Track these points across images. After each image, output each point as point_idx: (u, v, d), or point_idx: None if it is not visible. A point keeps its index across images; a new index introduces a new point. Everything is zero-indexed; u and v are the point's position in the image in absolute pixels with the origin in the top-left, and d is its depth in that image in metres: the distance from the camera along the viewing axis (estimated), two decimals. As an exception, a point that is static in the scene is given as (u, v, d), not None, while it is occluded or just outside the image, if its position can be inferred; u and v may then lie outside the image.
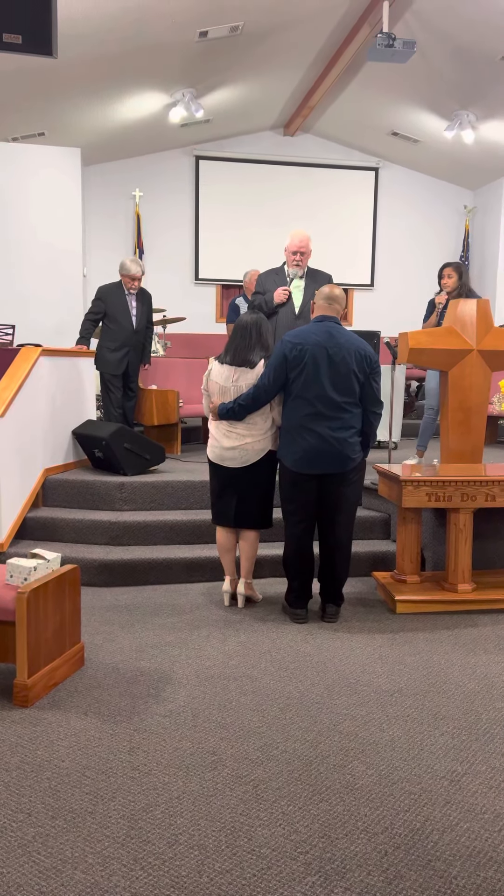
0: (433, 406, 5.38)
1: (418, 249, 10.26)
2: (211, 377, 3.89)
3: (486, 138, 8.55)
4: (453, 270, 5.16)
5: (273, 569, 4.41)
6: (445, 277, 5.18)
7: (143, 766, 2.41)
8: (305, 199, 9.87)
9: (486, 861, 1.97)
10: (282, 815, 2.16)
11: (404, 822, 2.13)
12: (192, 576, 4.37)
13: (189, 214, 9.72)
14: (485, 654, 3.36)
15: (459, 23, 6.34)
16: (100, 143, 8.67)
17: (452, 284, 5.13)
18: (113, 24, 5.97)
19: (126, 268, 5.77)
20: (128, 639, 3.49)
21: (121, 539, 4.55)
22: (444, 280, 5.18)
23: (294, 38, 6.92)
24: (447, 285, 5.14)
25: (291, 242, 4.81)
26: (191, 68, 7.19)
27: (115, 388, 5.87)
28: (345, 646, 3.45)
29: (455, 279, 5.14)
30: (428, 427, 5.47)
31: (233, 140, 9.63)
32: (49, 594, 2.94)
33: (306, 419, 3.57)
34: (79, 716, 2.74)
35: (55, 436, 5.14)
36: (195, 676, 3.08)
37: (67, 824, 2.11)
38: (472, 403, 4.36)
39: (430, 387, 5.42)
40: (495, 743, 2.58)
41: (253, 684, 3.01)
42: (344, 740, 2.58)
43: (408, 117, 8.60)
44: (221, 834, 2.07)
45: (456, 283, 5.14)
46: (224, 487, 3.89)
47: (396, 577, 4.16)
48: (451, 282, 5.14)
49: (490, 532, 4.38)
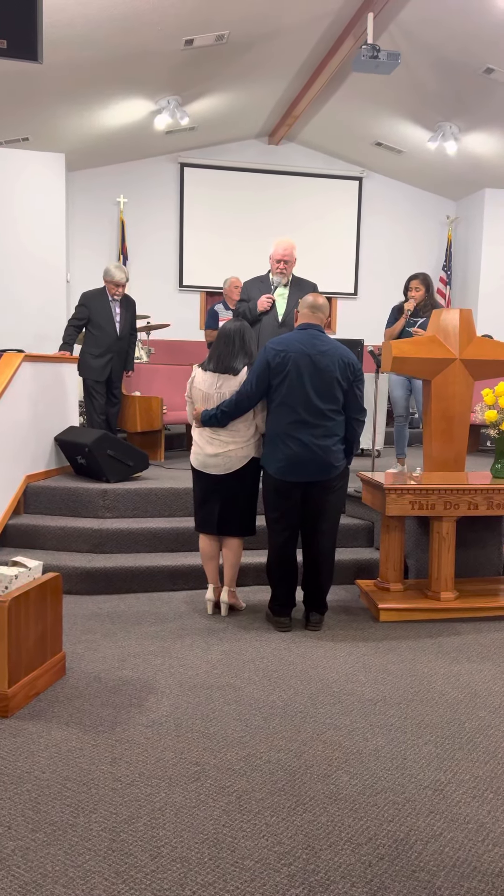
0: (402, 414, 5.50)
1: (401, 259, 10.33)
2: (194, 384, 3.88)
3: (468, 150, 8.64)
4: (420, 283, 5.27)
5: (256, 577, 4.39)
6: (413, 290, 5.26)
7: (125, 777, 2.38)
8: (290, 208, 9.92)
9: (470, 871, 1.96)
10: (265, 826, 2.14)
11: (388, 833, 2.12)
12: (176, 584, 4.35)
13: (173, 221, 9.72)
14: (468, 663, 3.37)
15: (443, 35, 6.41)
16: (84, 149, 8.65)
17: (420, 296, 5.23)
18: (99, 30, 5.96)
19: (110, 274, 5.75)
20: (110, 648, 3.46)
21: (103, 547, 4.51)
22: (412, 292, 5.27)
23: (279, 48, 6.97)
24: (415, 297, 5.24)
25: (276, 250, 4.83)
26: (176, 76, 7.21)
27: (98, 395, 5.84)
28: (329, 654, 3.44)
29: (423, 291, 5.24)
30: (401, 435, 5.54)
31: (218, 148, 9.66)
32: (30, 603, 2.91)
33: (290, 426, 3.57)
34: (60, 726, 2.70)
35: (37, 442, 5.10)
36: (178, 686, 3.06)
37: (48, 837, 2.07)
38: (454, 412, 4.39)
39: (396, 396, 5.51)
40: (478, 752, 2.58)
41: (236, 693, 3.00)
42: (328, 750, 2.57)
43: (391, 128, 8.68)
44: (204, 846, 2.04)
45: (423, 294, 5.24)
46: (207, 495, 3.87)
47: (380, 585, 4.16)
48: (419, 294, 5.23)
49: (472, 540, 4.39)
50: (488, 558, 4.44)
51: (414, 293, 5.24)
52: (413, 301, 5.21)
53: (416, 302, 5.20)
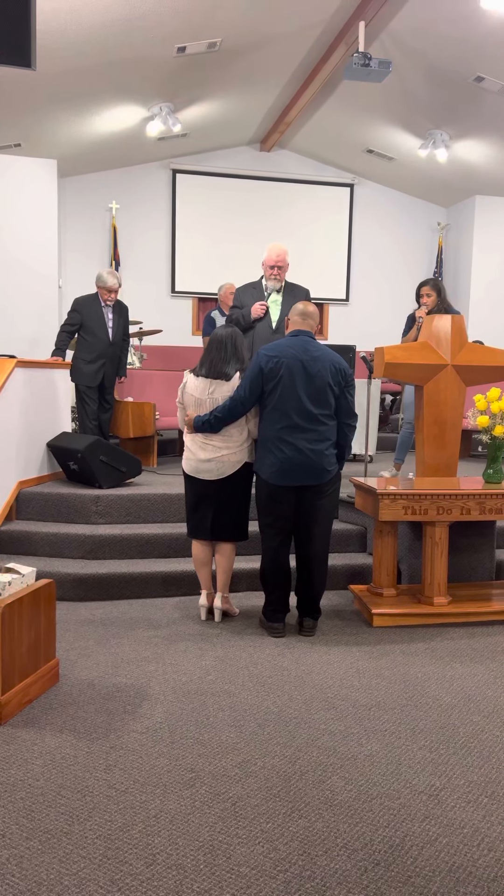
0: (411, 420, 5.41)
1: (392, 265, 10.38)
2: (186, 390, 3.89)
3: (459, 157, 8.71)
4: (431, 289, 5.20)
5: (250, 582, 4.39)
6: (424, 296, 5.19)
7: (119, 784, 2.37)
8: (281, 214, 9.95)
9: (465, 876, 1.96)
10: (261, 832, 2.14)
11: (384, 838, 2.12)
12: (169, 590, 4.34)
13: (166, 227, 9.73)
14: (461, 667, 3.37)
15: (434, 44, 6.46)
16: (76, 155, 8.66)
17: (432, 303, 5.16)
18: (91, 37, 5.98)
19: (103, 280, 5.75)
20: (103, 654, 3.45)
21: (96, 553, 4.50)
22: (424, 299, 5.19)
23: (271, 55, 7.00)
24: (427, 304, 5.16)
25: (269, 256, 4.84)
26: (169, 83, 7.23)
27: (90, 401, 5.83)
28: (322, 659, 3.44)
29: (434, 297, 5.17)
30: (405, 441, 5.52)
31: (209, 154, 9.69)
32: (24, 609, 2.90)
33: (283, 431, 3.58)
34: (54, 733, 2.69)
35: (29, 448, 5.09)
36: (172, 692, 3.05)
37: (42, 845, 2.06)
38: (446, 418, 4.41)
39: (409, 401, 5.45)
40: (472, 757, 2.58)
41: (230, 700, 2.99)
42: (322, 755, 2.57)
43: (383, 135, 8.73)
44: (200, 853, 2.04)
45: (435, 300, 5.17)
46: (200, 500, 3.87)
47: (373, 590, 4.17)
48: (431, 300, 5.16)
49: (465, 545, 4.41)
50: (480, 563, 4.45)
51: (426, 299, 5.19)
52: (425, 307, 5.16)
53: (428, 308, 5.15)
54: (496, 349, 4.54)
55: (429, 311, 5.14)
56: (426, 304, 5.16)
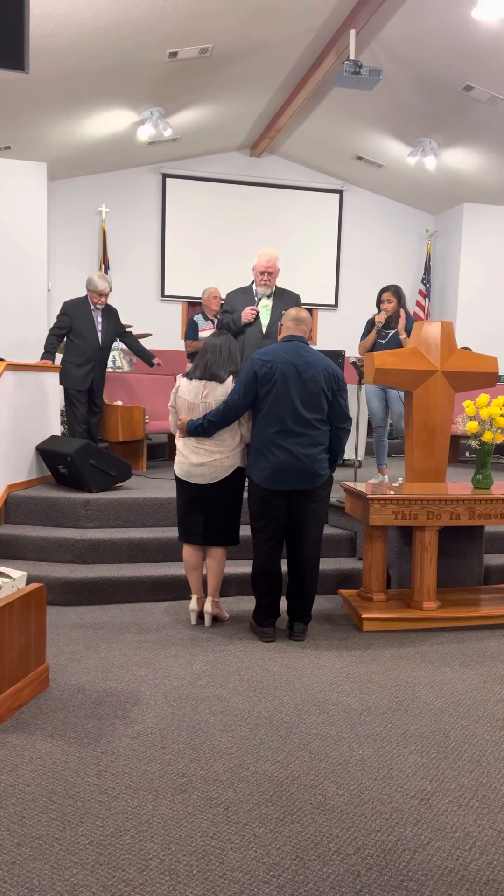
0: (380, 424, 5.54)
1: (381, 271, 10.44)
2: (179, 394, 3.89)
3: (447, 165, 8.78)
4: (392, 295, 5.32)
5: (240, 587, 4.39)
6: (385, 302, 5.31)
7: (111, 789, 2.36)
8: (271, 220, 9.99)
9: (458, 880, 1.97)
10: (254, 837, 2.13)
11: (376, 843, 2.13)
12: (159, 594, 4.33)
13: (155, 231, 9.74)
14: (451, 672, 3.39)
15: (424, 52, 6.52)
16: (66, 159, 8.65)
17: (392, 308, 5.28)
18: (84, 41, 5.98)
19: (94, 283, 5.74)
20: (93, 659, 3.43)
21: (85, 557, 4.48)
22: (384, 304, 5.31)
23: (263, 62, 7.03)
24: (387, 309, 5.28)
25: (259, 262, 4.86)
26: (160, 87, 7.24)
27: (79, 404, 5.81)
28: (313, 664, 3.44)
29: (395, 303, 5.28)
30: (380, 445, 5.58)
31: (200, 159, 9.71)
32: (14, 614, 2.88)
33: (276, 436, 3.59)
34: (44, 738, 2.67)
35: (18, 451, 5.06)
36: (163, 697, 3.04)
37: (34, 851, 2.05)
38: (436, 423, 4.44)
39: (373, 407, 5.54)
40: (463, 761, 2.60)
41: (222, 704, 2.99)
42: (314, 760, 2.57)
43: (372, 142, 8.79)
44: (193, 858, 2.03)
45: (396, 306, 5.28)
46: (191, 504, 3.87)
47: (363, 594, 4.18)
48: (391, 306, 5.28)
49: (454, 550, 4.44)
50: (469, 568, 4.48)
51: (386, 305, 5.29)
52: (385, 313, 5.26)
53: (387, 314, 5.26)
54: (485, 355, 4.58)
55: (388, 317, 5.25)
56: (386, 310, 5.28)
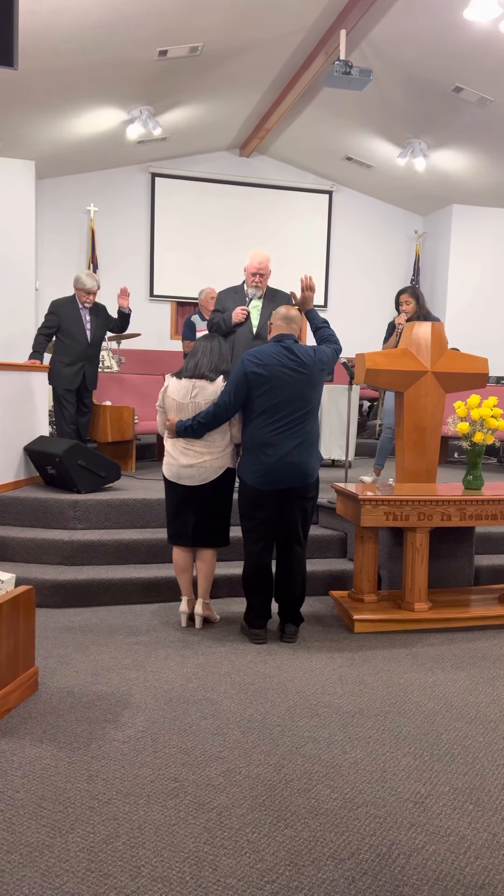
0: (391, 425, 5.44)
1: (370, 272, 10.45)
2: (168, 393, 3.85)
3: (436, 166, 8.79)
4: (410, 296, 5.25)
5: (231, 588, 4.36)
6: (404, 304, 5.24)
7: (102, 795, 2.33)
8: (260, 220, 9.96)
9: (453, 884, 1.96)
10: (247, 842, 2.11)
11: (371, 847, 2.11)
12: (148, 596, 4.29)
13: (144, 231, 9.69)
14: (443, 673, 3.38)
15: (414, 54, 6.53)
16: (55, 157, 8.58)
17: (412, 310, 5.20)
18: (72, 38, 5.93)
19: (81, 282, 5.70)
20: (83, 662, 3.40)
21: (74, 559, 4.44)
22: (403, 306, 5.23)
23: (252, 61, 7.01)
24: (407, 311, 5.21)
25: (251, 263, 4.83)
26: (149, 86, 7.20)
27: (68, 404, 5.76)
28: (305, 666, 3.42)
29: (413, 304, 5.22)
30: (385, 446, 5.54)
31: (189, 159, 9.67)
32: (3, 616, 2.84)
33: (268, 436, 3.57)
34: (34, 743, 2.64)
35: (6, 452, 5.01)
36: (154, 700, 3.01)
37: (24, 859, 2.01)
38: (426, 424, 4.43)
39: (389, 406, 5.47)
40: (457, 763, 2.58)
41: (213, 707, 2.96)
42: (307, 763, 2.55)
43: (361, 143, 8.79)
44: (185, 864, 2.01)
45: (415, 308, 5.21)
46: (181, 506, 3.84)
47: (354, 596, 4.16)
48: (410, 307, 5.21)
49: (445, 551, 4.43)
50: (460, 569, 4.48)
51: (405, 307, 5.23)
52: (405, 315, 5.20)
53: (407, 315, 5.20)
54: (475, 356, 4.57)
55: (408, 318, 5.18)
56: (406, 312, 5.20)
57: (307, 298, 4.08)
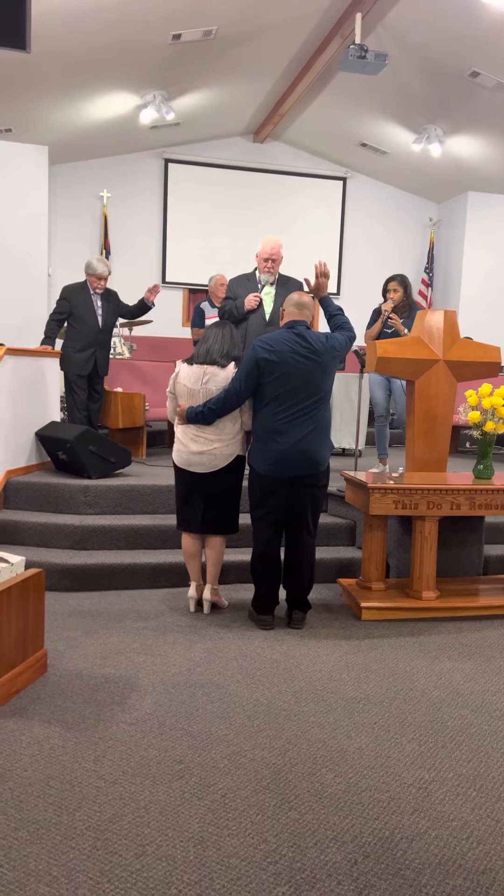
0: (381, 414, 5.54)
1: (384, 260, 10.37)
2: (178, 379, 3.86)
3: (452, 153, 8.70)
4: (398, 284, 5.31)
5: (239, 574, 4.38)
6: (391, 291, 5.30)
7: (108, 775, 2.36)
8: (273, 206, 9.91)
9: (455, 869, 1.97)
10: (251, 824, 2.13)
11: (373, 831, 2.12)
12: (157, 581, 4.32)
13: (157, 217, 9.66)
14: (449, 662, 3.39)
15: (431, 38, 6.44)
16: (68, 142, 8.56)
17: (398, 298, 5.26)
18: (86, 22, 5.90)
19: (92, 267, 5.70)
20: (92, 645, 3.43)
21: (84, 543, 4.47)
22: (391, 294, 5.31)
23: (267, 45, 6.95)
24: (394, 298, 5.27)
25: (263, 249, 4.81)
26: (163, 70, 7.16)
27: (79, 390, 5.78)
28: (311, 652, 3.44)
29: (401, 293, 5.28)
30: (381, 435, 5.57)
31: (202, 144, 9.62)
32: (12, 599, 2.87)
33: (279, 423, 3.57)
34: (42, 724, 2.67)
35: (18, 437, 5.04)
36: (161, 683, 3.04)
37: (31, 836, 2.05)
38: (437, 413, 4.41)
39: (376, 396, 5.54)
40: (461, 750, 2.59)
41: (220, 691, 2.98)
42: (312, 748, 2.57)
43: (376, 129, 8.71)
44: (190, 844, 2.03)
45: (402, 296, 5.27)
46: (190, 492, 3.85)
47: (362, 583, 4.17)
48: (398, 295, 5.27)
49: (454, 540, 4.42)
50: (469, 558, 4.47)
51: (392, 294, 5.28)
52: (391, 302, 5.24)
53: (394, 303, 5.24)
54: (488, 345, 4.54)
55: (394, 307, 5.23)
56: (392, 299, 5.26)
57: (321, 285, 4.03)
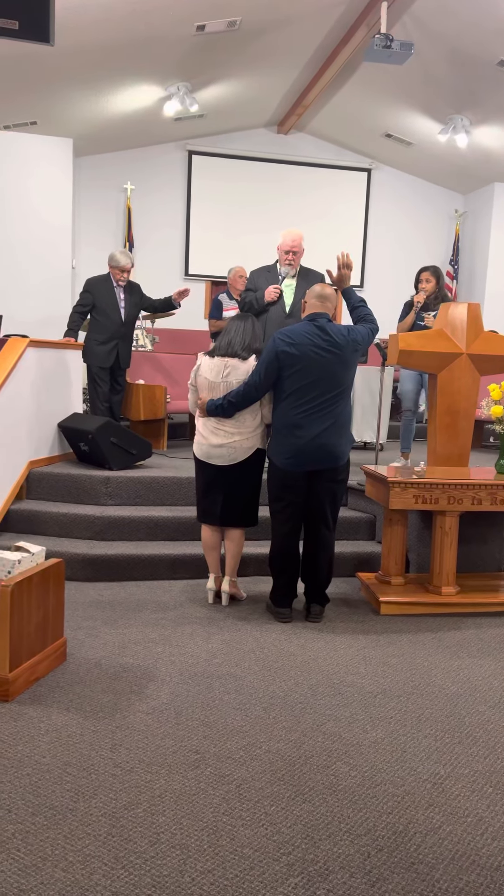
0: (409, 408, 5.49)
1: (408, 251, 10.28)
2: (200, 372, 3.87)
3: (479, 143, 8.58)
4: (431, 275, 5.26)
5: (258, 567, 4.39)
6: (423, 282, 5.26)
7: (125, 763, 2.38)
8: (297, 198, 9.86)
9: (469, 864, 1.96)
10: (264, 815, 2.14)
11: (387, 825, 2.12)
12: (176, 572, 4.35)
13: (180, 209, 9.67)
14: (468, 658, 3.37)
15: (458, 26, 6.35)
16: (92, 135, 8.59)
17: (431, 289, 5.20)
18: (110, 14, 5.91)
19: (115, 259, 5.72)
20: (111, 634, 3.46)
21: (105, 534, 4.51)
22: (423, 284, 5.26)
23: (291, 35, 6.90)
24: (426, 289, 5.22)
25: (284, 241, 4.80)
26: (187, 62, 7.15)
27: (102, 382, 5.82)
28: (329, 646, 3.44)
29: (434, 283, 5.22)
30: (407, 429, 5.53)
31: (226, 136, 9.59)
32: (33, 588, 2.91)
33: (298, 417, 3.56)
34: (60, 711, 2.71)
35: (41, 428, 5.09)
36: (178, 674, 3.06)
37: (48, 821, 2.08)
38: (460, 407, 4.37)
39: (405, 389, 5.49)
40: (478, 746, 2.58)
41: (236, 683, 3.00)
42: (327, 741, 2.57)
43: (402, 119, 8.61)
44: (204, 833, 2.05)
45: (434, 287, 5.22)
46: (210, 485, 3.86)
47: (381, 578, 4.16)
48: (430, 286, 5.21)
49: (475, 536, 4.39)
50: (490, 554, 4.44)
51: (424, 285, 5.22)
52: (423, 293, 5.19)
53: (426, 294, 5.18)
54: (512, 339, 4.49)
55: (427, 298, 5.17)
56: (424, 290, 5.21)
57: (344, 276, 4.00)
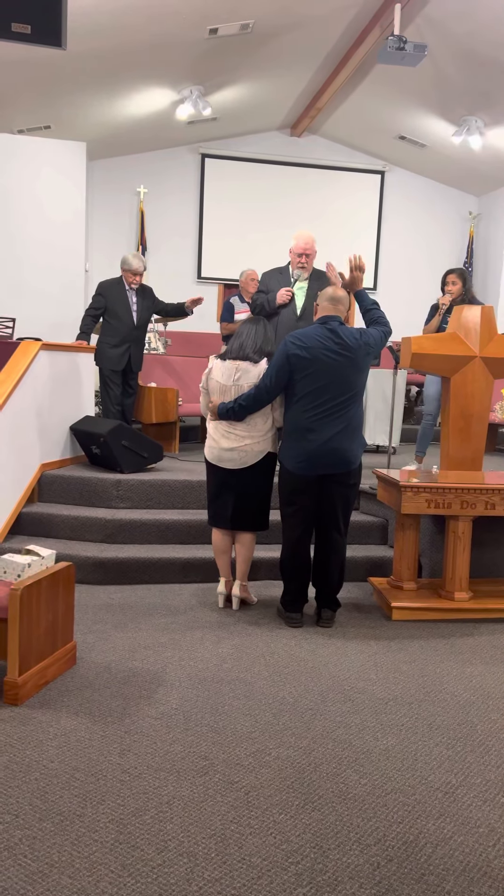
0: (431, 412, 5.37)
1: (422, 254, 10.23)
2: (211, 375, 3.86)
3: (493, 145, 8.53)
4: (457, 277, 5.14)
5: (269, 571, 4.37)
6: (450, 284, 5.14)
7: (133, 769, 2.37)
8: (310, 201, 9.84)
9: (480, 876, 1.93)
10: (273, 823, 2.12)
11: (397, 835, 2.10)
12: (187, 576, 4.34)
13: (193, 213, 9.68)
14: (481, 665, 3.33)
15: (471, 28, 6.31)
16: (105, 138, 8.62)
17: (457, 291, 5.10)
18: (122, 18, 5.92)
19: (128, 262, 5.73)
20: (121, 638, 3.46)
21: (116, 537, 4.51)
22: (449, 287, 5.14)
23: (304, 38, 6.89)
24: (452, 291, 5.11)
25: (296, 244, 4.78)
26: (199, 65, 7.16)
27: (114, 385, 5.82)
28: (339, 651, 3.41)
29: (459, 286, 5.11)
30: (426, 433, 5.45)
31: (239, 139, 9.59)
32: (42, 591, 2.90)
33: (310, 421, 3.54)
34: (69, 716, 2.70)
35: (52, 431, 5.10)
36: (188, 679, 3.05)
37: (55, 827, 2.07)
38: (473, 410, 4.34)
39: (429, 392, 5.38)
40: (491, 755, 2.55)
41: (246, 688, 2.98)
42: (337, 748, 2.55)
43: (415, 121, 8.58)
44: (211, 841, 2.03)
45: (460, 289, 5.11)
46: (221, 489, 3.85)
47: (393, 583, 4.12)
48: (456, 288, 5.10)
49: (489, 541, 4.35)
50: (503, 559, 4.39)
51: (450, 287, 5.13)
52: (449, 296, 5.09)
53: (452, 297, 5.09)
54: (526, 342, 4.44)
55: (453, 300, 5.08)
56: (451, 293, 5.11)
57: (356, 279, 3.97)
